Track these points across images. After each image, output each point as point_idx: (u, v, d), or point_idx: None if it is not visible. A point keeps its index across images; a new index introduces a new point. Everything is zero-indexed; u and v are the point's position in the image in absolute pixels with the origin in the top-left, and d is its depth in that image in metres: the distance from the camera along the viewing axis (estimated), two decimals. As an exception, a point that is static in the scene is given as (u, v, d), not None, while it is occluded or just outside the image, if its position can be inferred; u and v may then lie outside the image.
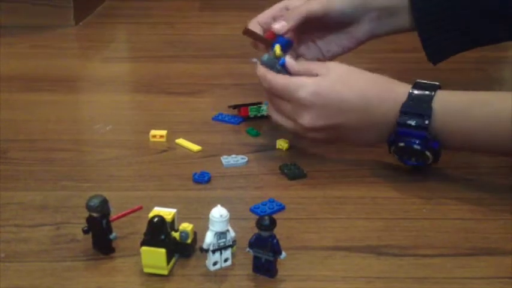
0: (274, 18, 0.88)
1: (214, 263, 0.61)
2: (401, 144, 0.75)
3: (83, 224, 0.63)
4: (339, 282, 0.60)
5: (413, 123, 0.73)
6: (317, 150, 0.86)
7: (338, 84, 0.75)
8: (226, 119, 0.94)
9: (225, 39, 1.38)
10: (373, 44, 0.94)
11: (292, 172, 0.79)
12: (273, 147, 0.86)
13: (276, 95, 0.79)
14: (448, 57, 0.91)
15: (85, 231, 0.63)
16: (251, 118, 0.94)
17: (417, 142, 0.73)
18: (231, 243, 0.61)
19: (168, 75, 1.16)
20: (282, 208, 0.72)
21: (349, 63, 0.79)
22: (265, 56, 0.81)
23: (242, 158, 0.82)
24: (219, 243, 0.60)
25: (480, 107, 0.73)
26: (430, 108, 0.73)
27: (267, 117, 0.94)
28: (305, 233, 0.68)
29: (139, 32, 1.48)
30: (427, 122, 0.72)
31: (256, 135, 0.90)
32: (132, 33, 1.49)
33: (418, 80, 0.75)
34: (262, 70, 0.80)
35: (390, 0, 0.88)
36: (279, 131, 0.90)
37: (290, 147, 0.86)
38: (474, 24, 0.86)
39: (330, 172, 0.81)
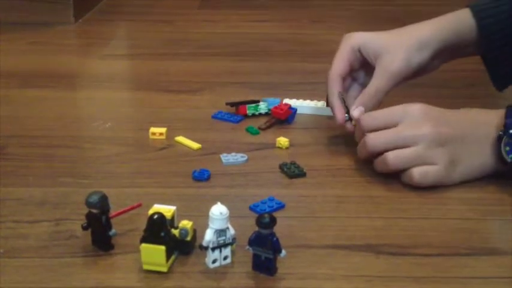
0: (353, 67, 0.86)
1: (214, 261, 0.61)
2: None
3: (82, 220, 0.63)
4: (338, 280, 0.60)
5: None
6: (317, 149, 0.86)
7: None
8: (226, 117, 0.94)
9: (224, 37, 1.38)
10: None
11: (292, 171, 0.79)
12: (273, 145, 0.86)
13: (377, 128, 0.76)
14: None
15: (84, 228, 0.63)
16: (251, 116, 0.94)
17: None
18: (230, 241, 0.61)
19: (168, 73, 1.16)
20: (281, 206, 0.72)
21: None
22: None
23: (242, 156, 0.82)
24: (218, 241, 0.60)
25: None
26: None
27: (265, 116, 0.94)
28: (305, 232, 0.68)
29: (139, 29, 1.48)
30: None
31: (256, 133, 0.90)
32: (132, 31, 1.49)
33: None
34: (356, 113, 0.81)
35: (460, 37, 0.84)
36: (279, 129, 0.91)
37: (290, 146, 0.86)
38: None
39: (330, 171, 0.81)
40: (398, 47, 0.82)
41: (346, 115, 0.83)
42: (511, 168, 0.73)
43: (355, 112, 0.82)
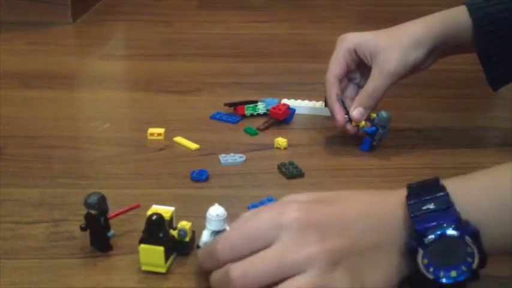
0: (349, 67, 0.86)
1: None
2: (431, 237, 0.52)
3: (81, 221, 0.63)
4: (337, 281, 0.60)
5: (431, 206, 0.53)
6: (315, 149, 0.86)
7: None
8: (224, 117, 0.94)
9: (223, 38, 1.38)
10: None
11: (290, 171, 0.79)
12: (271, 146, 0.86)
13: (242, 256, 0.54)
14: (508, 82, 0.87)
15: (83, 229, 0.63)
16: (249, 117, 0.94)
17: (451, 226, 0.52)
18: None
19: (166, 74, 1.16)
20: (280, 207, 0.71)
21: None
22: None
23: (240, 157, 0.82)
24: None
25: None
26: (441, 186, 0.55)
27: (264, 116, 0.94)
28: (303, 232, 0.67)
29: (137, 30, 1.48)
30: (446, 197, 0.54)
31: (255, 134, 0.90)
32: (130, 31, 1.49)
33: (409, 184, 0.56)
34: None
35: (456, 34, 0.83)
36: (277, 129, 0.91)
37: (288, 146, 0.86)
38: None
39: (328, 171, 0.81)
40: (393, 46, 0.82)
41: (346, 116, 0.84)
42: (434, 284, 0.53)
43: (355, 113, 0.83)
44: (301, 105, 0.97)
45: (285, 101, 0.98)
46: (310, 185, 0.77)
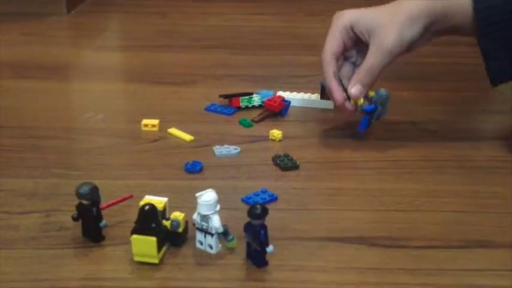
0: (346, 45, 0.85)
1: (200, 242, 0.61)
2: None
3: (73, 211, 0.62)
4: (331, 273, 0.60)
5: None
6: (310, 141, 0.86)
7: None
8: (219, 109, 0.94)
9: (218, 30, 1.37)
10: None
11: (285, 163, 0.78)
12: (266, 138, 0.86)
13: None
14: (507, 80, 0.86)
15: (74, 219, 0.62)
16: (244, 109, 0.94)
17: None
18: (212, 232, 0.60)
19: (161, 65, 1.15)
20: (274, 198, 0.71)
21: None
22: None
23: (235, 149, 0.82)
24: (202, 225, 0.60)
25: None
26: None
27: (259, 108, 0.94)
28: (298, 224, 0.67)
29: (132, 21, 1.47)
30: None
31: (249, 125, 0.89)
32: (125, 23, 1.48)
33: None
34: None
35: (452, 13, 0.82)
36: (272, 121, 0.90)
37: (283, 138, 0.85)
38: None
39: (323, 163, 0.80)
40: (390, 22, 0.81)
41: (344, 95, 0.83)
42: None
43: (354, 90, 0.82)
44: (297, 98, 0.96)
45: (280, 93, 0.97)
46: (304, 177, 0.77)
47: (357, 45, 0.86)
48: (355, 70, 0.85)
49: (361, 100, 0.82)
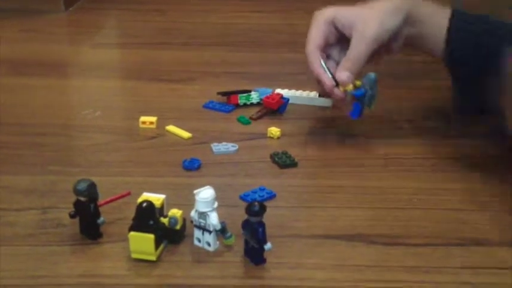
0: (328, 40, 0.85)
1: (198, 239, 0.61)
2: None
3: (70, 208, 0.62)
4: (329, 270, 0.60)
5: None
6: (308, 139, 0.86)
7: None
8: (217, 106, 0.94)
9: (217, 27, 1.37)
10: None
11: (283, 160, 0.78)
12: (264, 135, 0.86)
13: None
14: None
15: (72, 216, 0.62)
16: (242, 106, 0.94)
17: None
18: (210, 229, 0.60)
19: (159, 62, 1.15)
20: (272, 196, 0.71)
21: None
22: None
23: (233, 146, 0.82)
24: (199, 222, 0.60)
25: None
26: None
27: (257, 106, 0.94)
28: (295, 221, 0.67)
29: (130, 18, 1.46)
30: None
31: (247, 123, 0.89)
32: (123, 20, 1.47)
33: None
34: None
35: (431, 13, 0.84)
36: (270, 119, 0.90)
37: (281, 136, 0.85)
38: None
39: (321, 161, 0.80)
40: (371, 14, 0.83)
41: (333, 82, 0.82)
42: None
43: (342, 75, 0.81)
44: (295, 95, 0.96)
45: (278, 90, 0.97)
46: (303, 175, 0.77)
47: (339, 43, 0.86)
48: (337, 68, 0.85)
49: (350, 86, 0.82)
